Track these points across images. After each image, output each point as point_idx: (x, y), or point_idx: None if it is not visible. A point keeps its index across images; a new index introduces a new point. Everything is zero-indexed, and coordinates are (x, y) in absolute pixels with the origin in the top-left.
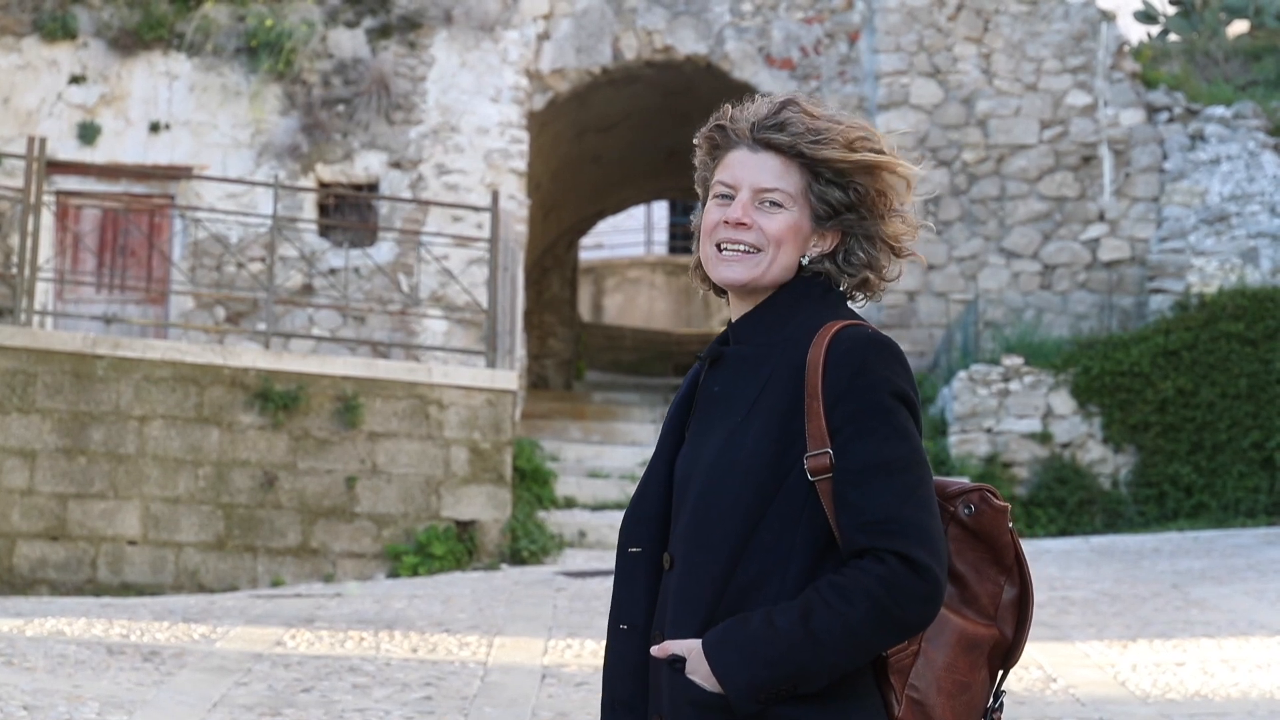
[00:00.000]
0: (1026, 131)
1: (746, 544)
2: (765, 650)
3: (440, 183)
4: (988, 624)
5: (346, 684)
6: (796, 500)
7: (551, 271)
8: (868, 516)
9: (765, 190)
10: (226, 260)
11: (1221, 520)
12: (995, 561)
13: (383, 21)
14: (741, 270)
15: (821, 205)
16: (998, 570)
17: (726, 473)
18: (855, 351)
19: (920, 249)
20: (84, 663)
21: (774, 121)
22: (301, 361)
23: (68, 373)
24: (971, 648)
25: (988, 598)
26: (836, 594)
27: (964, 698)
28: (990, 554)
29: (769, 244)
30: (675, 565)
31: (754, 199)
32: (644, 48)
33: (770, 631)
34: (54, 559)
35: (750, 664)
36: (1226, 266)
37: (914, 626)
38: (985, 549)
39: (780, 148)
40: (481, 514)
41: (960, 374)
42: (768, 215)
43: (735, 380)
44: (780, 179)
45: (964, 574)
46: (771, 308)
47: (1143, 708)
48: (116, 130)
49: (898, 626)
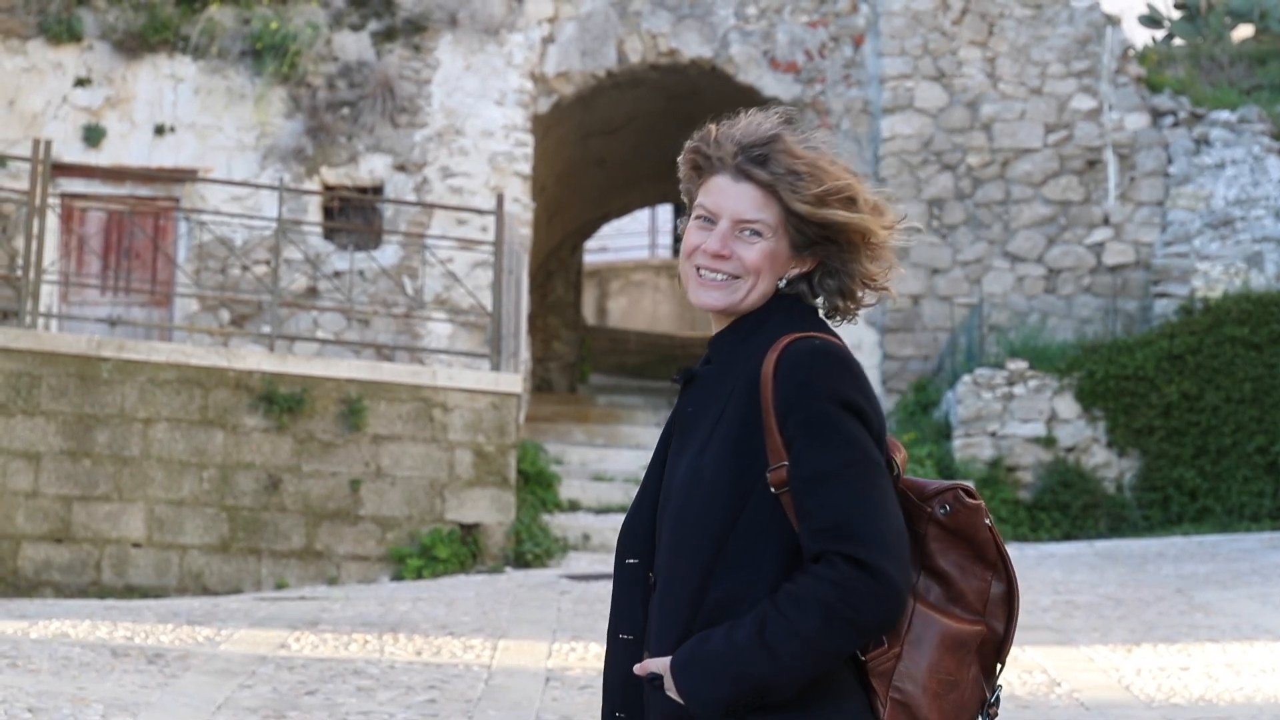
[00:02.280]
0: (1031, 135)
1: (717, 560)
2: (726, 666)
3: (445, 186)
4: (975, 620)
5: (351, 686)
6: (764, 514)
7: (556, 275)
8: (819, 523)
9: (745, 221)
10: (231, 263)
11: (1226, 525)
12: (979, 558)
13: (387, 24)
14: (719, 296)
15: (799, 235)
16: (983, 567)
17: (695, 490)
18: (802, 363)
19: (925, 252)
20: (88, 665)
21: (758, 154)
22: (306, 364)
23: (72, 375)
24: (958, 646)
25: (974, 594)
26: (790, 603)
27: (951, 696)
28: (972, 551)
29: (747, 273)
30: (656, 582)
31: (734, 229)
32: (649, 51)
33: (729, 647)
34: (58, 561)
35: (713, 681)
36: (1231, 271)
37: (871, 627)
38: (966, 546)
39: (760, 182)
40: (485, 517)
41: (964, 378)
42: (746, 245)
43: (704, 399)
44: (760, 210)
45: (949, 573)
46: (742, 325)
47: (1147, 712)
48: (121, 133)
49: (853, 629)
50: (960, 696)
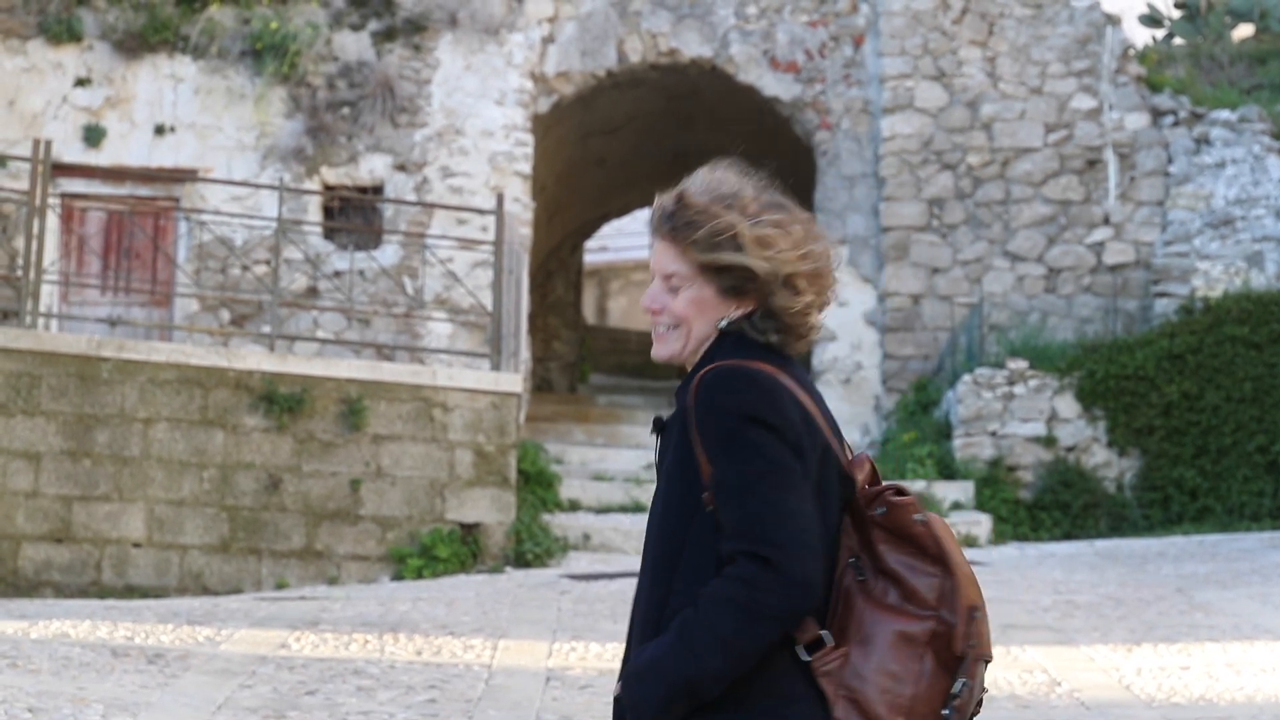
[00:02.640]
0: (1031, 135)
1: (674, 576)
2: (657, 670)
3: (445, 185)
4: (927, 615)
5: (351, 686)
6: (707, 530)
7: (556, 274)
8: (729, 529)
9: (668, 275)
10: (231, 263)
11: (1226, 524)
12: (922, 553)
13: (387, 24)
14: (663, 348)
15: (723, 279)
16: (928, 562)
17: (657, 518)
18: (711, 386)
19: (925, 252)
20: (88, 665)
21: (669, 210)
22: (306, 364)
23: (72, 375)
24: (907, 642)
25: (927, 590)
26: (706, 604)
27: (903, 691)
28: (915, 548)
29: (679, 322)
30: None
31: (664, 284)
32: (649, 51)
33: (657, 651)
34: (58, 561)
35: (649, 685)
36: (1231, 270)
37: (781, 615)
38: (909, 545)
39: (669, 237)
40: (486, 517)
41: (965, 377)
42: (673, 296)
43: (667, 438)
44: (676, 262)
45: (899, 572)
46: (695, 368)
47: (1147, 712)
48: (121, 133)
49: (763, 618)
50: (915, 690)
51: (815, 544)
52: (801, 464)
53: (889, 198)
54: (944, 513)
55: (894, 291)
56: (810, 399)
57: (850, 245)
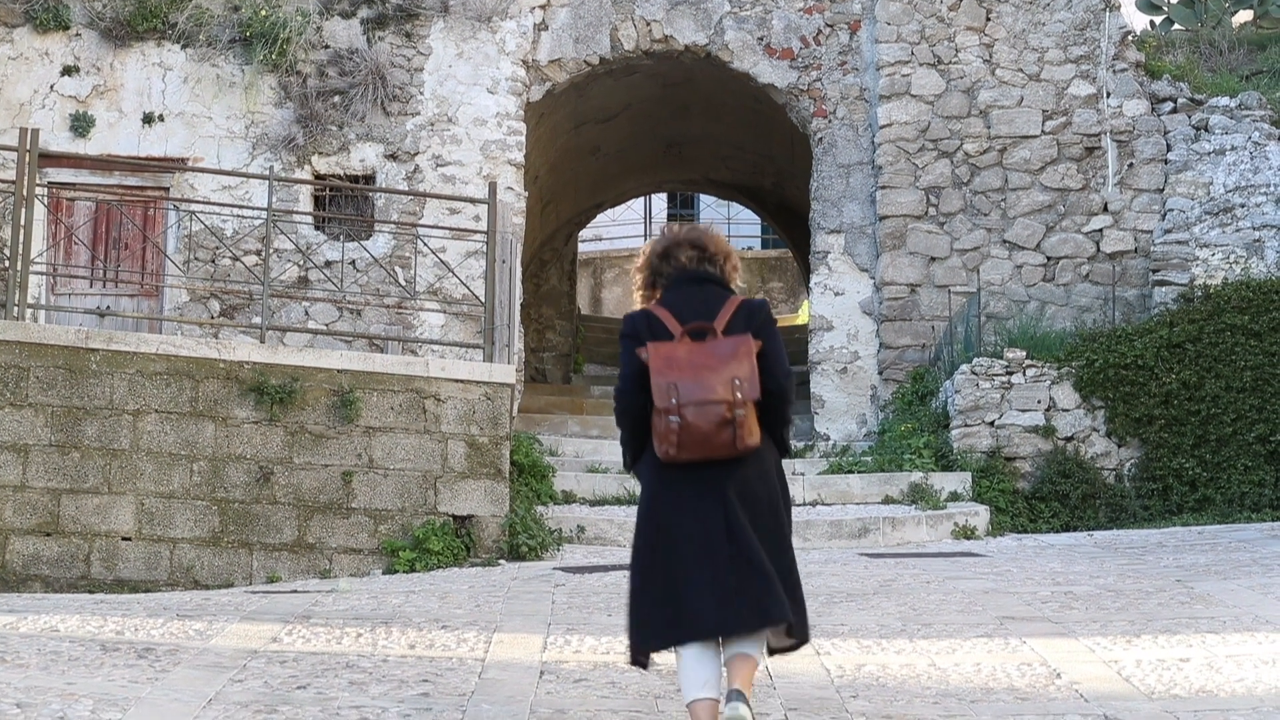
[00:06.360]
0: (1029, 122)
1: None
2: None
3: (437, 175)
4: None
5: (343, 681)
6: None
7: (550, 264)
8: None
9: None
10: (221, 253)
11: (1226, 514)
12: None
13: (378, 12)
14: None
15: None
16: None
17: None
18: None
19: (923, 240)
20: (77, 660)
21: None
22: (297, 355)
23: (61, 367)
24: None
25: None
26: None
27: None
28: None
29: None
30: None
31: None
32: (642, 38)
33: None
34: (47, 555)
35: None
36: (1231, 258)
37: (619, 411)
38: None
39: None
40: (479, 509)
41: (963, 367)
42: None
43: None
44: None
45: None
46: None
47: (1147, 704)
48: (110, 122)
49: (616, 415)
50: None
51: (632, 379)
52: (635, 345)
53: (885, 186)
54: (941, 504)
55: (891, 281)
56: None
57: (846, 234)
